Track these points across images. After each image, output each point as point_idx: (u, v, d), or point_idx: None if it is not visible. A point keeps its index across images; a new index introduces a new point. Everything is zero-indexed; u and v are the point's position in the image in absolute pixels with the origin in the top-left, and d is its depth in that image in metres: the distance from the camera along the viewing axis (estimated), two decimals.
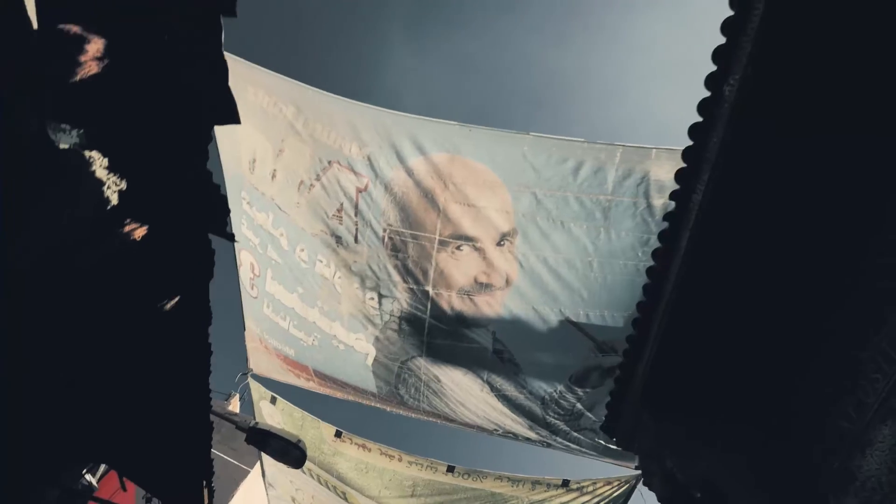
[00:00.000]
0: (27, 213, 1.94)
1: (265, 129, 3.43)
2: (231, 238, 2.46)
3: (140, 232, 2.25)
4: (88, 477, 4.97)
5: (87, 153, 2.02)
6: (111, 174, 2.12)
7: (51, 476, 3.89)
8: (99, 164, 2.11)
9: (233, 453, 9.00)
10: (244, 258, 4.12)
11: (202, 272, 2.46)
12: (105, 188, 2.11)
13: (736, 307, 2.74)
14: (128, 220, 2.20)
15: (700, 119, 2.51)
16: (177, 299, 2.53)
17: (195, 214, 2.27)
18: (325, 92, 3.35)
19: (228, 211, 2.42)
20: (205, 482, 3.57)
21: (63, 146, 2.01)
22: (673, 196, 2.83)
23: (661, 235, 2.97)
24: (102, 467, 5.44)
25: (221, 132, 3.48)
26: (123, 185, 2.15)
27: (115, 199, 2.15)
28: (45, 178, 1.93)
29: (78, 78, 1.98)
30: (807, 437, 2.67)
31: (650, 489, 3.20)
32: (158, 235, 2.31)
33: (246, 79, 3.36)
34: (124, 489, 4.12)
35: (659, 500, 3.12)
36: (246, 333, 4.63)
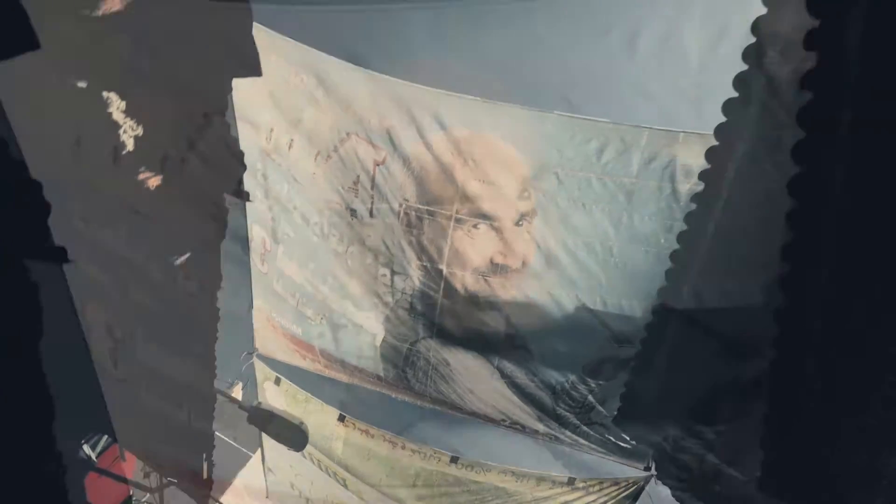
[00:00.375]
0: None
1: (285, 98, 3.38)
2: (246, 197, 2.41)
3: (154, 181, 2.20)
4: (87, 450, 4.93)
5: (104, 93, 1.98)
6: (128, 118, 2.08)
7: (46, 447, 3.83)
8: (116, 106, 2.07)
9: (234, 440, 8.93)
10: (256, 233, 4.07)
11: (214, 230, 2.41)
12: (121, 132, 2.07)
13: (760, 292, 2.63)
14: (142, 168, 2.16)
15: (735, 94, 2.42)
16: (186, 256, 2.48)
17: (212, 166, 2.23)
18: (347, 63, 3.30)
19: (245, 167, 2.38)
20: (205, 455, 3.51)
21: (80, 85, 1.97)
22: (702, 176, 2.73)
23: (688, 217, 2.87)
24: (103, 441, 5.41)
25: (240, 101, 3.44)
26: (140, 132, 2.12)
27: (130, 146, 2.11)
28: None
29: (100, 13, 1.95)
30: (829, 431, 2.54)
31: (664, 483, 3.10)
32: (171, 185, 2.26)
33: (269, 47, 3.31)
34: (123, 459, 4.06)
35: (673, 495, 3.01)
36: (253, 312, 4.57)
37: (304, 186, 3.57)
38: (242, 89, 3.41)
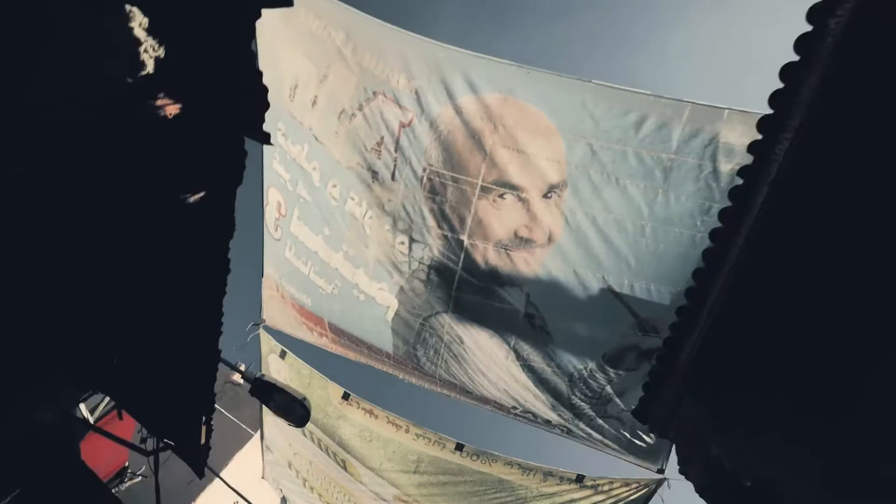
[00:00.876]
0: (49, 55, 1.78)
1: (311, 53, 3.26)
2: (266, 139, 2.26)
3: (172, 109, 2.07)
4: (85, 410, 4.86)
5: (126, 6, 1.86)
6: (150, 37, 1.94)
7: (44, 398, 3.73)
8: (138, 22, 1.94)
9: (235, 420, 8.85)
10: (272, 196, 3.95)
11: (231, 171, 2.27)
12: (142, 51, 1.93)
13: (814, 283, 2.44)
14: (161, 94, 2.03)
15: (796, 58, 2.25)
16: (201, 195, 2.35)
17: (233, 101, 2.09)
18: (378, 20, 3.18)
19: (268, 105, 2.24)
20: (204, 418, 3.37)
21: None
22: (752, 148, 2.56)
23: (732, 192, 2.71)
24: (103, 404, 5.35)
25: (264, 56, 3.33)
26: (161, 53, 1.97)
27: (150, 66, 1.96)
28: (74, 20, 1.77)
29: None
30: (885, 438, 2.37)
31: (687, 478, 2.90)
32: (191, 119, 2.12)
33: (298, 0, 3.20)
34: (121, 418, 3.95)
35: (697, 491, 2.82)
36: (263, 280, 4.45)
37: (325, 146, 3.45)
38: (267, 39, 3.31)
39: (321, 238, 3.84)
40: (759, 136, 2.53)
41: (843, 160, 2.26)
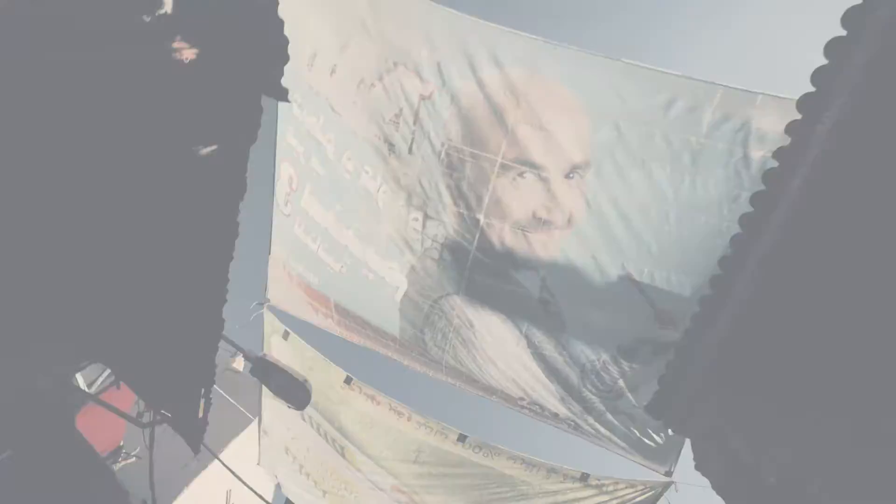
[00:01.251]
0: None
1: (333, 21, 3.17)
2: (283, 95, 2.18)
3: (188, 54, 2.00)
4: (81, 380, 4.80)
5: None
6: None
7: (41, 362, 3.66)
8: None
9: (233, 402, 8.77)
10: (283, 171, 3.86)
11: (246, 126, 2.19)
12: None
13: (850, 274, 2.32)
14: (178, 36, 1.97)
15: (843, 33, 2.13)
16: (213, 148, 2.27)
17: (251, 52, 2.01)
18: None
19: (287, 58, 2.16)
20: (203, 391, 3.28)
21: None
22: (790, 129, 2.44)
23: (766, 176, 2.59)
24: (99, 381, 5.27)
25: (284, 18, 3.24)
26: None
27: (168, 6, 1.90)
28: None
29: None
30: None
31: (703, 474, 2.78)
32: (207, 66, 2.04)
33: None
34: (118, 388, 3.87)
35: (714, 487, 2.71)
36: (270, 259, 4.36)
37: (341, 117, 3.35)
38: (287, 7, 3.23)
39: (332, 214, 3.75)
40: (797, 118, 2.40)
41: (890, 144, 2.14)
